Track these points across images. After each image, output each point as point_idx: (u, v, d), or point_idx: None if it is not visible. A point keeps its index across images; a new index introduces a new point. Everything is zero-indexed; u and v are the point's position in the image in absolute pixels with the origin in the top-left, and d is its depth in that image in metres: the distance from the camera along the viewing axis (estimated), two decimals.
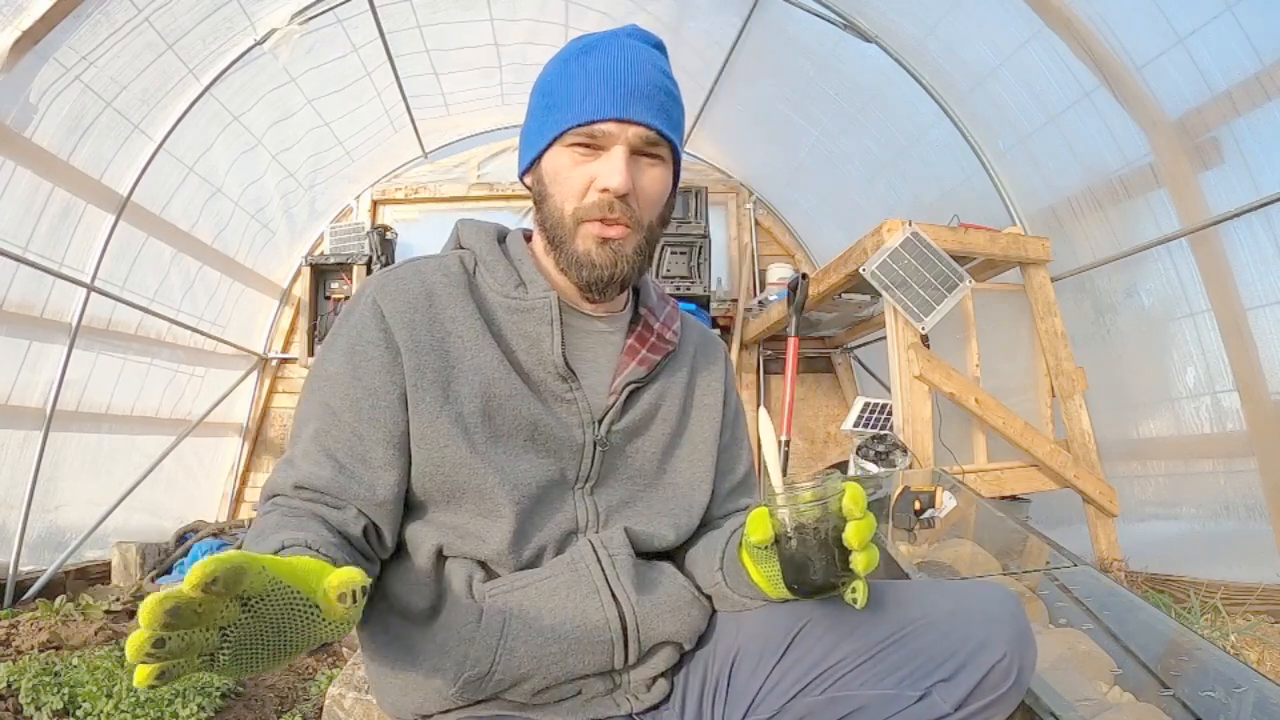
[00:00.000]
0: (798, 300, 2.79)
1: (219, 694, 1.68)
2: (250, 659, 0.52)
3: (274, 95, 3.27)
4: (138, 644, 0.47)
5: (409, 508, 0.83)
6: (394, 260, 4.10)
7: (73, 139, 2.55)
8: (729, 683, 0.83)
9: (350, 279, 4.02)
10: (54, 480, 2.82)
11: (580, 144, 0.81)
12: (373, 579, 0.79)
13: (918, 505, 1.99)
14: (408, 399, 0.80)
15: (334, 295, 4.09)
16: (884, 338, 2.82)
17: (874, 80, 3.17)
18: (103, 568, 3.02)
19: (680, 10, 3.33)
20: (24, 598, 2.61)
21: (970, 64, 2.77)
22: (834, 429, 4.29)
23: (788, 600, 0.79)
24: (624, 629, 0.80)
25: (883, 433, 2.46)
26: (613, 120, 0.80)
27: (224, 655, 0.51)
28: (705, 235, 3.89)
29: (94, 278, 2.77)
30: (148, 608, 0.47)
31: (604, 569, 0.82)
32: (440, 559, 0.83)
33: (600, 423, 0.87)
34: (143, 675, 0.48)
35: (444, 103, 3.98)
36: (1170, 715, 1.05)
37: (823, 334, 4.17)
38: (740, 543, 0.81)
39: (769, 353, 4.32)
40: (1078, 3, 2.28)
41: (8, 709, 1.57)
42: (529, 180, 0.89)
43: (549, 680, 0.78)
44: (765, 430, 0.81)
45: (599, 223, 0.82)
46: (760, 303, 4.08)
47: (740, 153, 4.36)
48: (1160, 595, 2.25)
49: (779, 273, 4.16)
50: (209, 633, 0.50)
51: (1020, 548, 1.84)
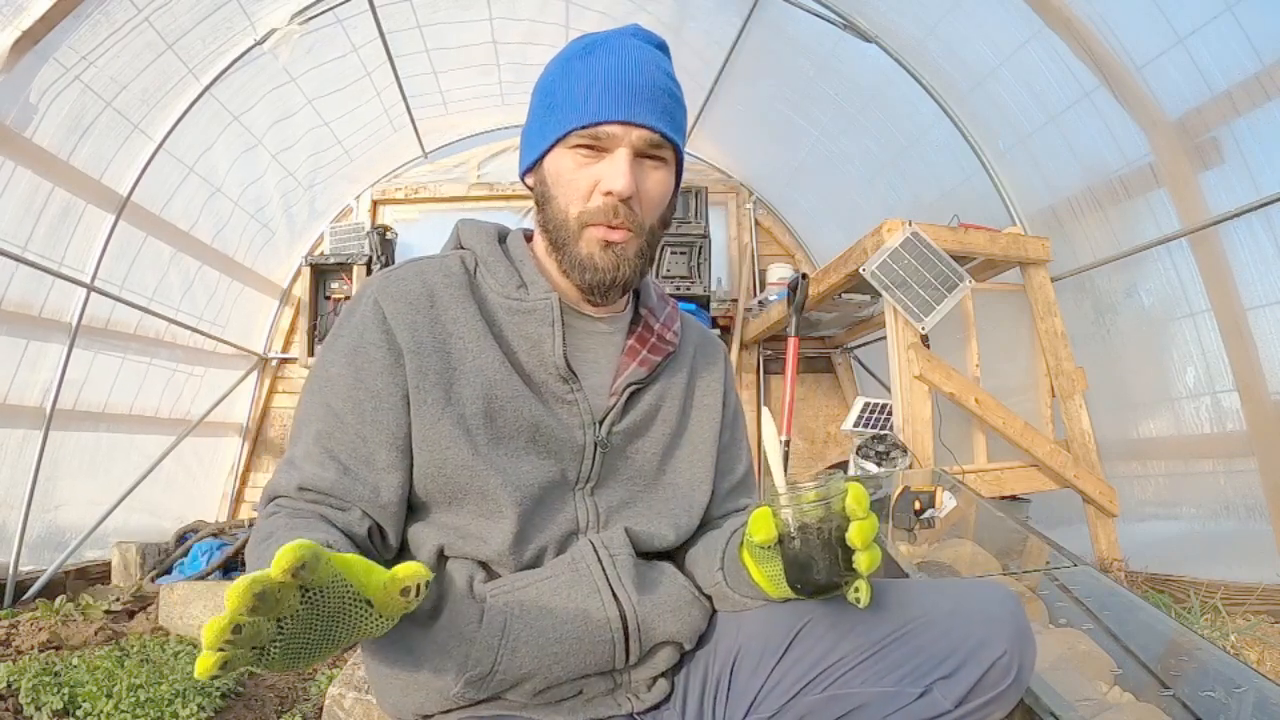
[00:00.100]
0: (798, 300, 2.79)
1: (219, 694, 1.68)
2: (299, 652, 0.53)
3: (274, 95, 3.27)
4: (219, 628, 0.47)
5: (410, 508, 0.83)
6: (394, 260, 4.10)
7: (73, 139, 2.55)
8: (730, 682, 0.83)
9: (350, 279, 4.02)
10: (54, 480, 2.82)
11: (584, 145, 0.81)
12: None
13: (918, 505, 1.99)
14: (410, 400, 0.80)
15: (334, 295, 4.09)
16: (884, 338, 2.82)
17: (874, 80, 3.17)
18: (103, 568, 3.01)
19: (680, 10, 3.33)
20: (24, 598, 2.61)
21: (970, 64, 2.77)
22: (834, 429, 4.29)
23: (789, 600, 0.79)
24: (625, 629, 0.80)
25: (883, 433, 2.46)
26: (617, 122, 0.79)
27: (275, 647, 0.51)
28: (705, 235, 3.89)
29: (94, 277, 2.77)
30: (238, 590, 0.47)
31: (605, 569, 0.82)
32: (441, 559, 0.83)
33: (601, 424, 0.87)
34: (208, 664, 0.48)
35: (444, 102, 3.98)
36: (1170, 715, 1.05)
37: (823, 334, 4.17)
38: (741, 542, 0.81)
39: (769, 353, 4.32)
40: (1078, 3, 2.28)
41: (8, 709, 1.57)
42: (530, 181, 0.89)
43: (550, 680, 0.78)
44: (767, 430, 0.81)
45: (603, 227, 0.82)
46: (760, 303, 4.08)
47: (740, 153, 4.36)
48: (1160, 595, 2.25)
49: (779, 273, 4.16)
50: (269, 623, 0.50)
51: (1020, 548, 1.84)
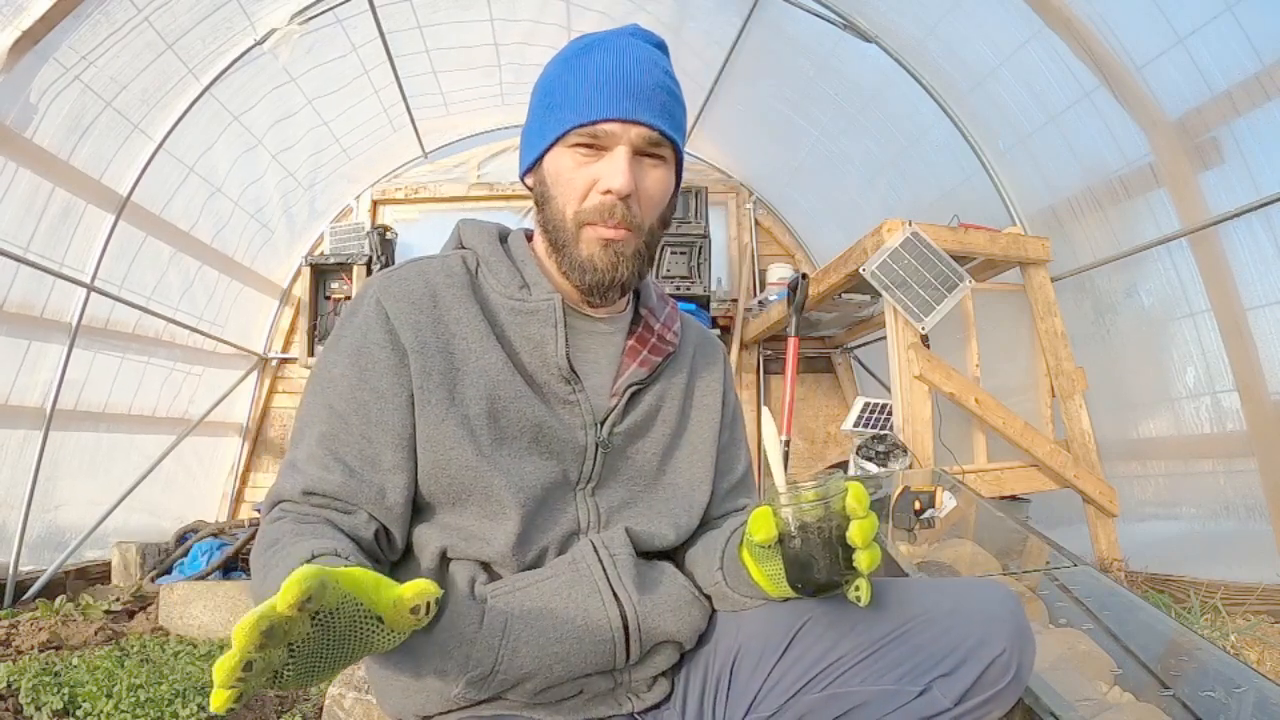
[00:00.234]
0: (798, 300, 2.79)
1: None
2: (311, 671, 0.52)
3: (274, 95, 3.27)
4: (230, 668, 0.46)
5: (414, 510, 0.83)
6: (394, 260, 4.10)
7: (73, 139, 2.55)
8: (730, 681, 0.83)
9: (350, 279, 4.02)
10: (54, 480, 2.82)
11: (582, 144, 0.81)
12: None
13: (918, 505, 1.99)
14: (414, 401, 0.80)
15: (334, 295, 4.09)
16: (884, 338, 2.82)
17: (874, 80, 3.17)
18: (103, 568, 3.01)
19: (680, 10, 3.33)
20: (24, 598, 2.61)
21: (970, 64, 2.77)
22: (834, 429, 4.29)
23: (788, 599, 0.79)
24: (625, 628, 0.80)
25: (883, 433, 2.46)
26: (615, 120, 0.79)
27: (289, 670, 0.50)
28: (705, 235, 3.89)
29: (94, 277, 2.77)
30: (244, 630, 0.46)
31: (605, 569, 0.82)
32: (444, 561, 0.83)
33: (602, 424, 0.87)
34: (222, 700, 0.47)
35: (444, 102, 3.98)
36: (1170, 715, 1.05)
37: (823, 334, 4.17)
38: (740, 542, 0.81)
39: (769, 353, 4.32)
40: (1078, 3, 2.28)
41: (8, 709, 1.56)
42: (530, 181, 0.89)
43: (551, 680, 0.78)
44: (767, 430, 0.81)
45: (601, 226, 0.81)
46: (760, 303, 4.08)
47: (740, 153, 4.36)
48: (1160, 595, 2.25)
49: (779, 273, 4.16)
50: (281, 650, 0.49)
51: (1020, 548, 1.84)
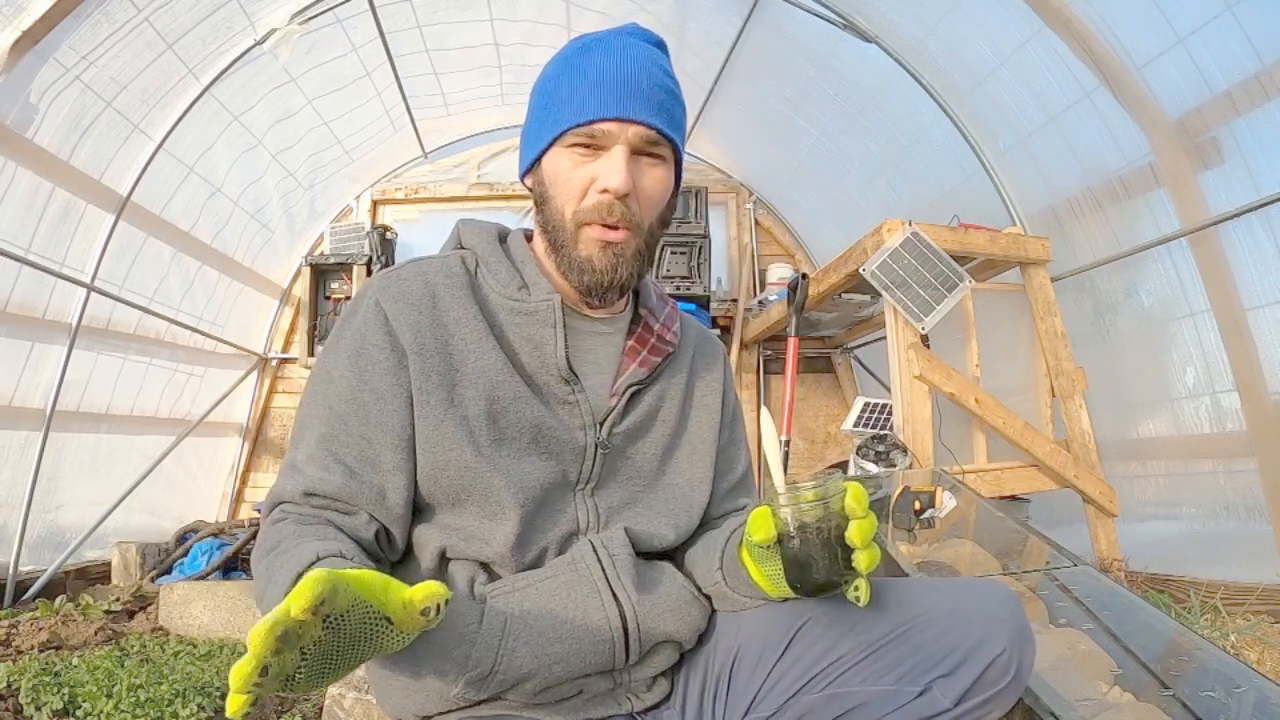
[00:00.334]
0: (798, 300, 2.79)
1: (219, 694, 1.68)
2: (323, 674, 0.53)
3: (274, 95, 3.27)
4: (246, 674, 0.47)
5: (413, 510, 0.83)
6: (394, 260, 4.10)
7: (73, 139, 2.55)
8: (729, 681, 0.83)
9: (350, 279, 4.02)
10: (54, 480, 2.82)
11: (580, 144, 0.81)
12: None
13: (918, 505, 1.99)
14: (414, 401, 0.80)
15: (334, 295, 4.09)
16: (884, 338, 2.82)
17: (874, 80, 3.17)
18: (103, 568, 3.01)
19: (680, 10, 3.33)
20: (24, 598, 2.61)
21: (970, 64, 2.77)
22: (834, 429, 4.29)
23: (788, 599, 0.79)
24: (624, 628, 0.80)
25: (883, 433, 2.46)
26: (613, 120, 0.79)
27: (301, 673, 0.51)
28: (705, 235, 3.89)
29: (94, 278, 2.77)
30: (260, 636, 0.46)
31: (604, 569, 0.82)
32: (443, 561, 0.83)
33: (602, 425, 0.87)
34: (239, 705, 0.48)
35: (444, 103, 3.98)
36: (1170, 715, 1.05)
37: (823, 334, 4.17)
38: (740, 542, 0.81)
39: (769, 353, 4.31)
40: (1078, 3, 2.28)
41: (8, 709, 1.57)
42: (530, 181, 0.89)
43: (550, 680, 0.78)
44: (767, 430, 0.81)
45: (600, 226, 0.81)
46: (760, 303, 4.08)
47: (740, 153, 4.36)
48: (1160, 595, 2.25)
49: (779, 273, 4.16)
50: (294, 654, 0.50)
51: (1020, 548, 1.84)
